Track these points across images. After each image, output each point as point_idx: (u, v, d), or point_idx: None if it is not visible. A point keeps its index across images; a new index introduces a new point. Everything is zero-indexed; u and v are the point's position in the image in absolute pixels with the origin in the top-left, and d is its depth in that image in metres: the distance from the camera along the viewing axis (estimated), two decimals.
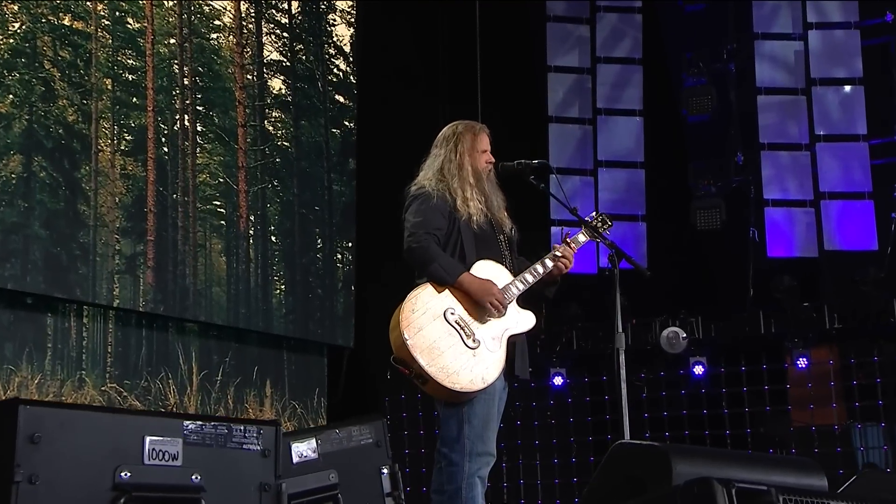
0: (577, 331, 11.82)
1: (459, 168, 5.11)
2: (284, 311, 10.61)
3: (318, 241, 11.18)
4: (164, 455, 4.27)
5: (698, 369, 11.33)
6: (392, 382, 11.29)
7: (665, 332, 11.20)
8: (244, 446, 4.54)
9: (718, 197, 12.44)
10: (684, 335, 11.17)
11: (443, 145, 5.22)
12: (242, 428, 4.57)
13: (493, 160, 5.25)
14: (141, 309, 9.16)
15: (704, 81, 12.73)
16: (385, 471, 6.16)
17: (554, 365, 11.78)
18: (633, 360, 11.67)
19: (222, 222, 10.10)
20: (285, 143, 10.91)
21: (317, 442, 5.98)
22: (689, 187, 12.59)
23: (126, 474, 4.12)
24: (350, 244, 11.47)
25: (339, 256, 11.42)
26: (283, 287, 10.67)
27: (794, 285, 11.33)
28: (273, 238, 10.62)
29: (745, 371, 11.39)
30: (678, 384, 11.57)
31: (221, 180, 10.09)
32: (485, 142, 5.26)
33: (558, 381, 11.77)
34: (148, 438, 4.23)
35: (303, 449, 5.91)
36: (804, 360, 11.11)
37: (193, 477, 4.33)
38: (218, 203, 10.08)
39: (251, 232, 10.35)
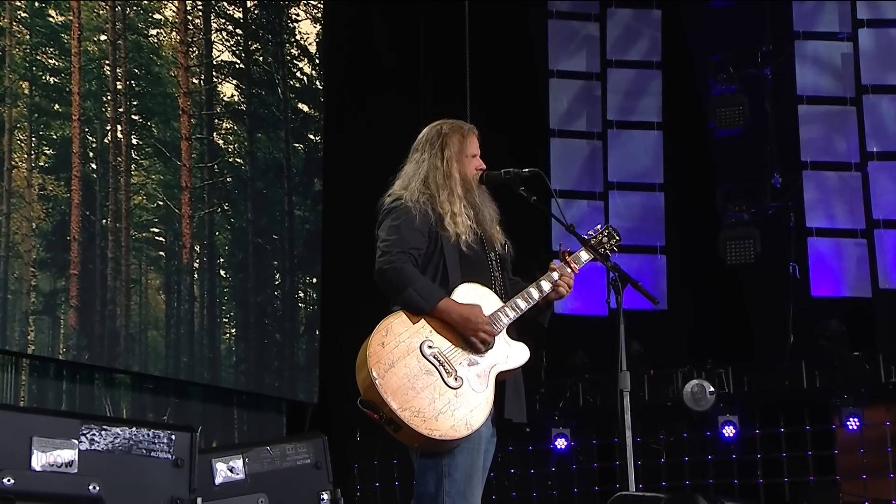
0: (584, 383, 11.88)
1: (447, 177, 5.12)
2: (235, 359, 10.65)
3: (277, 276, 11.23)
4: (56, 460, 4.25)
5: (728, 430, 11.38)
6: (362, 445, 11.32)
7: (689, 386, 11.26)
8: (153, 454, 4.53)
9: (752, 226, 12.54)
10: (712, 389, 11.23)
11: (426, 149, 5.22)
12: (150, 433, 4.55)
13: (485, 166, 5.27)
14: (61, 357, 9.17)
15: (735, 89, 12.86)
16: (325, 497, 6.17)
17: (556, 424, 11.81)
18: (650, 419, 11.74)
19: (161, 253, 10.15)
20: (238, 160, 10.99)
21: (244, 460, 5.98)
22: (717, 214, 12.69)
23: (9, 481, 4.10)
24: (315, 280, 11.52)
25: (302, 295, 11.46)
26: (233, 331, 10.71)
27: (842, 331, 11.40)
28: (222, 272, 10.67)
29: (785, 433, 11.46)
30: (704, 448, 11.61)
31: (161, 203, 10.14)
32: (474, 145, 5.27)
33: (561, 443, 11.80)
34: (36, 440, 4.22)
35: (227, 467, 5.89)
36: (856, 420, 11.16)
37: (91, 487, 4.31)
38: (156, 230, 10.13)
39: (196, 265, 10.39)
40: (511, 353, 4.99)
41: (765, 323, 12.21)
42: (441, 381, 4.75)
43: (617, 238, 5.46)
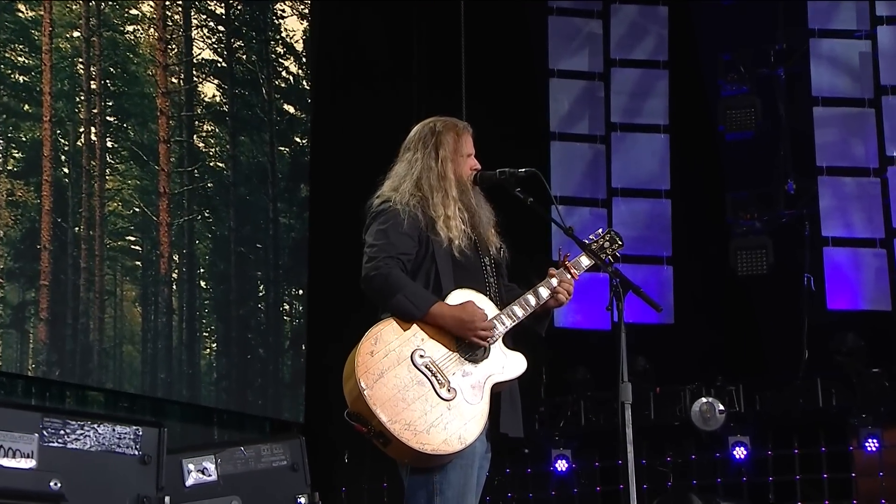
0: (586, 401, 11.88)
1: (441, 178, 5.14)
2: (216, 376, 10.66)
3: (261, 287, 11.25)
4: (14, 454, 4.27)
5: (739, 452, 11.37)
6: (350, 467, 11.32)
7: (697, 405, 11.27)
8: (118, 450, 4.55)
9: (764, 235, 12.55)
10: (721, 408, 11.24)
11: (418, 148, 5.24)
12: (116, 428, 4.55)
13: (479, 166, 5.29)
14: (30, 373, 9.16)
15: (746, 90, 12.89)
16: (302, 500, 6.22)
17: (556, 445, 11.81)
18: (656, 440, 11.74)
19: (137, 263, 10.16)
20: (220, 164, 11.01)
21: (216, 461, 6.00)
22: (727, 223, 12.71)
23: None
24: (301, 292, 11.54)
25: (287, 307, 11.48)
26: (214, 346, 10.72)
27: (860, 346, 11.40)
28: (202, 283, 10.69)
29: (799, 455, 11.46)
30: (714, 470, 11.61)
31: (137, 210, 10.16)
32: (469, 144, 5.30)
33: (562, 465, 11.79)
34: None
35: (198, 468, 5.89)
36: (874, 442, 11.15)
37: (52, 483, 4.34)
38: (132, 239, 10.14)
39: (174, 275, 10.41)
40: (507, 364, 5.00)
41: (778, 338, 12.22)
42: (433, 392, 4.77)
43: (619, 243, 5.48)
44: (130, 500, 4.56)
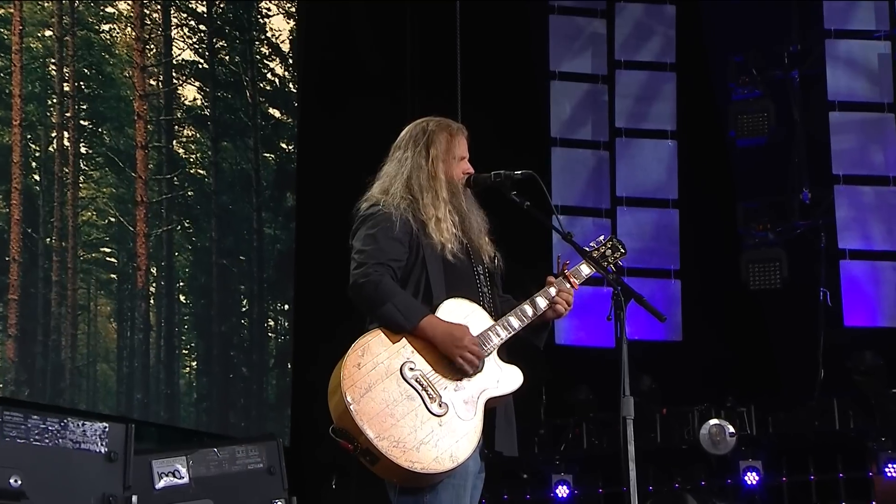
0: (589, 424, 11.87)
1: (432, 179, 5.17)
2: (196, 396, 10.64)
3: (244, 302, 11.24)
4: None
5: (751, 477, 11.36)
6: (338, 493, 11.30)
7: (707, 427, 11.25)
8: (83, 446, 4.56)
9: (778, 247, 12.57)
10: (732, 431, 11.22)
11: (409, 148, 5.28)
12: (81, 423, 4.55)
13: (472, 170, 5.32)
14: None
15: (759, 93, 12.91)
16: None
17: (557, 469, 11.78)
18: (663, 464, 11.73)
19: (113, 276, 10.15)
20: (201, 171, 11.01)
21: (188, 462, 5.98)
22: (738, 234, 12.73)
23: None
24: (287, 307, 11.53)
25: (272, 323, 11.48)
26: (194, 364, 10.71)
27: (879, 364, 11.40)
28: (182, 298, 10.68)
29: (815, 481, 11.45)
30: (724, 497, 11.58)
31: (112, 220, 10.14)
32: (463, 146, 5.34)
33: (563, 491, 11.75)
34: None
35: (168, 469, 5.89)
36: (895, 467, 11.16)
37: (12, 480, 4.35)
38: (107, 250, 10.13)
39: (152, 289, 10.40)
40: (502, 378, 5.00)
41: (792, 356, 12.17)
42: (424, 407, 4.77)
43: (622, 251, 5.51)
44: (95, 499, 4.56)
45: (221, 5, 11.52)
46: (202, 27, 11.24)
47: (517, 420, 5.18)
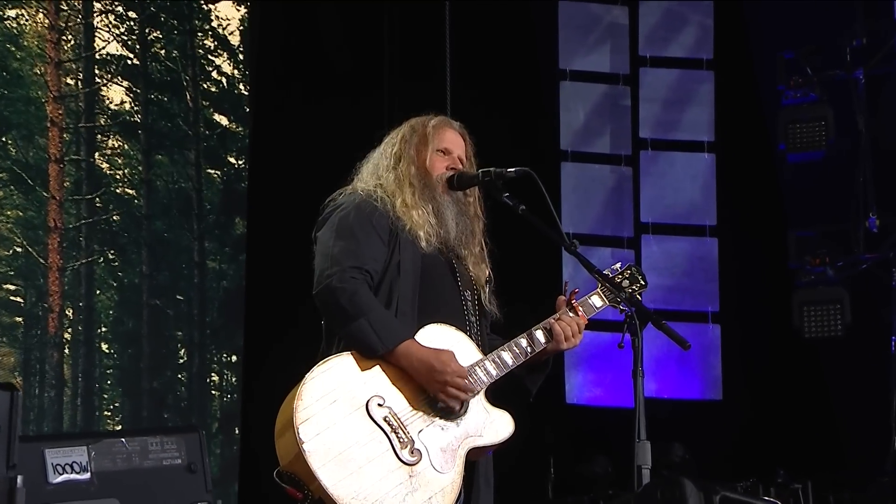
0: (606, 502, 11.83)
1: (397, 161, 5.30)
2: None
3: (182, 352, 11.22)
4: None
5: None
6: None
7: None
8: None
9: (839, 285, 12.52)
10: None
11: (388, 137, 5.50)
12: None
13: (460, 168, 5.42)
14: None
15: (815, 98, 12.88)
16: None
17: None
18: None
19: (18, 319, 10.13)
20: (129, 191, 11.00)
21: (89, 454, 5.95)
22: (790, 269, 12.67)
23: None
24: (234, 358, 11.50)
25: (216, 378, 11.45)
26: (119, 428, 10.68)
27: None
28: (104, 347, 10.65)
29: None
30: None
31: (19, 250, 10.14)
32: (447, 138, 5.46)
33: None
34: None
35: (65, 462, 5.86)
36: None
37: None
38: (12, 288, 10.13)
39: (67, 336, 10.38)
40: (489, 423, 4.97)
41: (858, 420, 12.13)
42: (392, 453, 4.75)
43: (642, 283, 5.54)
44: None
45: None
46: (131, 14, 11.25)
47: (518, 497, 5.16)
